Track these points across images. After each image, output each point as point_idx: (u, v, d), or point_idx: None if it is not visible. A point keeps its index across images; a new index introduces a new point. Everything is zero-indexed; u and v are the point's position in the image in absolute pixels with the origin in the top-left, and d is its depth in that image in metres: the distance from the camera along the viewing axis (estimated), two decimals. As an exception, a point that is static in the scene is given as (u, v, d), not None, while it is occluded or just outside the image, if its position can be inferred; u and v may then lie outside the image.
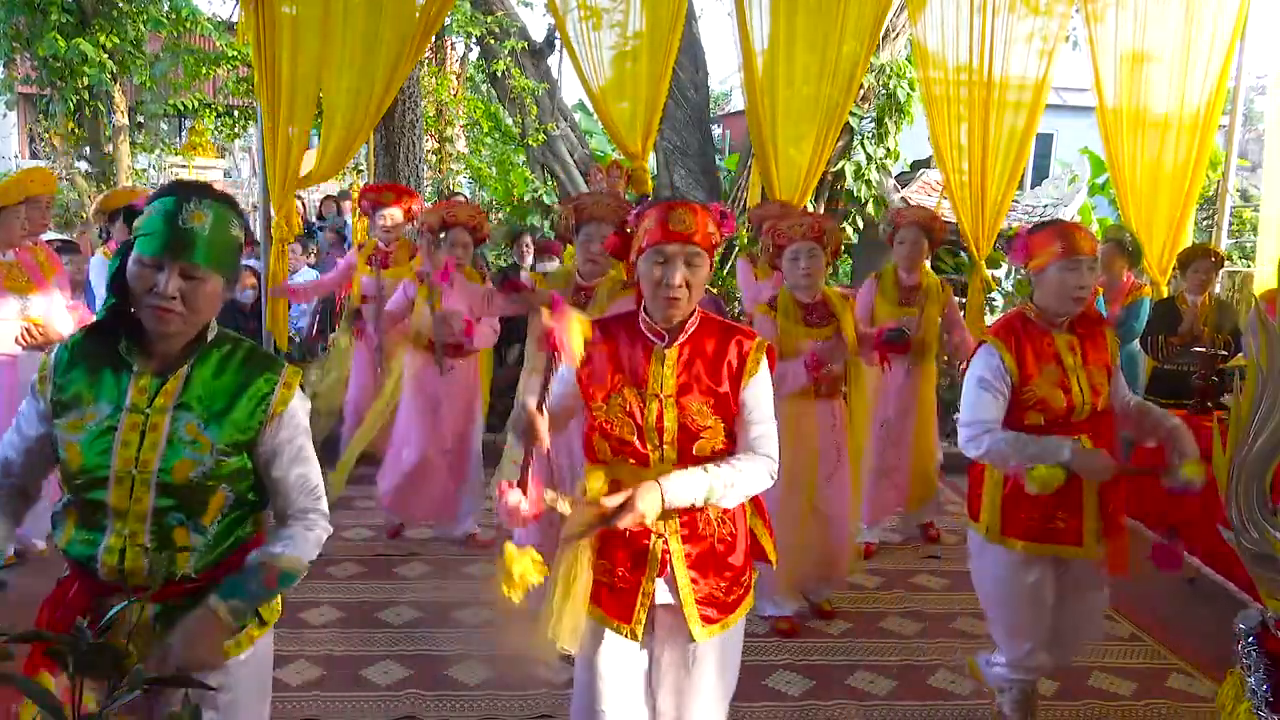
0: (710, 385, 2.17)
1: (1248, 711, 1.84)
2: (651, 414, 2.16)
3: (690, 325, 2.22)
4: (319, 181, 6.70)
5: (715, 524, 2.22)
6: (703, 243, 2.13)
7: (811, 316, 3.82)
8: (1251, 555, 1.84)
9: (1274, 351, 1.78)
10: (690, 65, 8.86)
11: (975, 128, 6.17)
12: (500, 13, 9.74)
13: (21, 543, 4.36)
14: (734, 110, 18.47)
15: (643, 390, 2.17)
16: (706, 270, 2.17)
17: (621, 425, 2.16)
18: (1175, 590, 4.48)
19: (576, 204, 3.70)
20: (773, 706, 3.37)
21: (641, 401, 2.16)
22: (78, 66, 8.95)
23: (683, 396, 2.15)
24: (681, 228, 2.11)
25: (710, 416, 2.16)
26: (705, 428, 2.16)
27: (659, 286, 2.13)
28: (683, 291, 2.12)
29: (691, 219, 2.12)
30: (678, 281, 2.11)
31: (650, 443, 2.16)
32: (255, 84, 5.85)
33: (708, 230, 2.15)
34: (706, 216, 2.16)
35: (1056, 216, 10.39)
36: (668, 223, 2.12)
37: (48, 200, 4.74)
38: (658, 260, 2.13)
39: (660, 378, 2.17)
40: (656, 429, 2.15)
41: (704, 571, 2.21)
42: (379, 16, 5.66)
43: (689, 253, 2.12)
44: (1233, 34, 6.39)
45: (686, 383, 2.17)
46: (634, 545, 2.19)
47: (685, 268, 2.12)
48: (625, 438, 2.16)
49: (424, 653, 3.63)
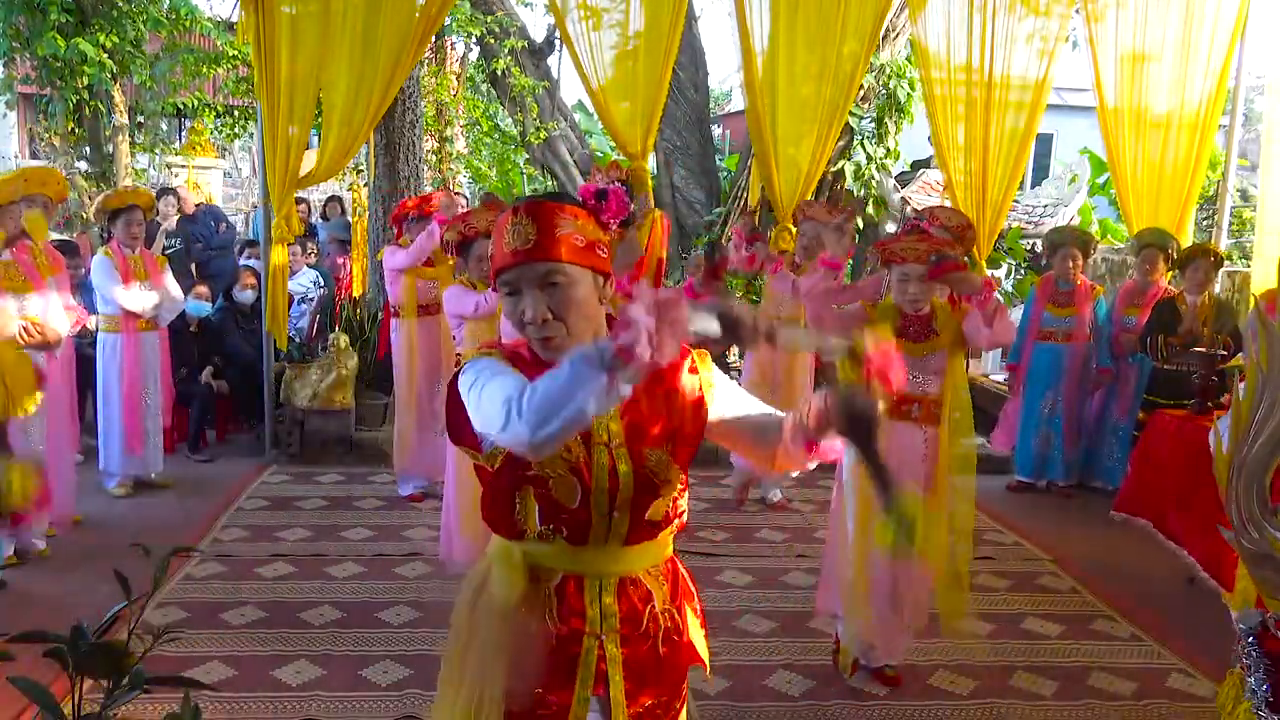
0: (666, 425, 1.70)
1: (1248, 711, 1.84)
2: (601, 469, 1.64)
3: None
4: (319, 181, 6.70)
5: (662, 618, 1.76)
6: (558, 254, 1.56)
7: (909, 329, 3.36)
8: (1251, 555, 1.84)
9: (1274, 351, 1.78)
10: (690, 65, 8.86)
11: (975, 128, 6.18)
12: (500, 12, 9.74)
13: (22, 543, 4.37)
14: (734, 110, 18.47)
15: (586, 439, 1.64)
16: (583, 288, 1.60)
17: (560, 485, 1.63)
18: (1175, 590, 4.48)
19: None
20: (773, 706, 3.37)
21: (587, 453, 1.64)
22: (77, 66, 8.95)
23: (635, 443, 1.67)
24: (519, 242, 1.56)
25: (671, 466, 1.69)
26: (665, 482, 1.68)
27: (521, 327, 1.62)
28: (553, 326, 1.58)
29: (530, 226, 1.56)
30: (534, 316, 1.57)
31: (597, 508, 1.65)
32: (255, 84, 5.85)
33: (562, 234, 1.58)
34: (557, 215, 1.59)
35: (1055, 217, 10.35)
36: (504, 241, 1.59)
37: (46, 200, 4.74)
38: (507, 291, 1.61)
39: (604, 421, 1.65)
40: (608, 489, 1.64)
41: (641, 684, 1.74)
42: (379, 16, 5.66)
43: (538, 273, 1.57)
44: (1233, 34, 6.39)
45: (636, 424, 1.67)
46: (562, 652, 1.68)
47: (543, 293, 1.57)
48: (564, 502, 1.64)
49: (424, 653, 3.63)
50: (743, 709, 3.33)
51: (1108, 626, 4.14)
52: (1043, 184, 14.65)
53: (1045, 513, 5.77)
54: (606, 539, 1.68)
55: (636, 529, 1.69)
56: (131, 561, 1.95)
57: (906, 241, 3.36)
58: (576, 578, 1.69)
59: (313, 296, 7.61)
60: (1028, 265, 9.81)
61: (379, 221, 7.18)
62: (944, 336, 3.34)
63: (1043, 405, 6.04)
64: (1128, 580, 4.63)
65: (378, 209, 7.22)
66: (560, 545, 1.66)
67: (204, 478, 5.87)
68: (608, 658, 1.70)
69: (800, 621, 4.03)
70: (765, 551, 4.95)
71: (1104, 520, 4.99)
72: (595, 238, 1.63)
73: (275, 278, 6.09)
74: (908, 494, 1.66)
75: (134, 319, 5.29)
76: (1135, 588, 4.55)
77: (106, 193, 5.59)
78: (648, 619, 1.74)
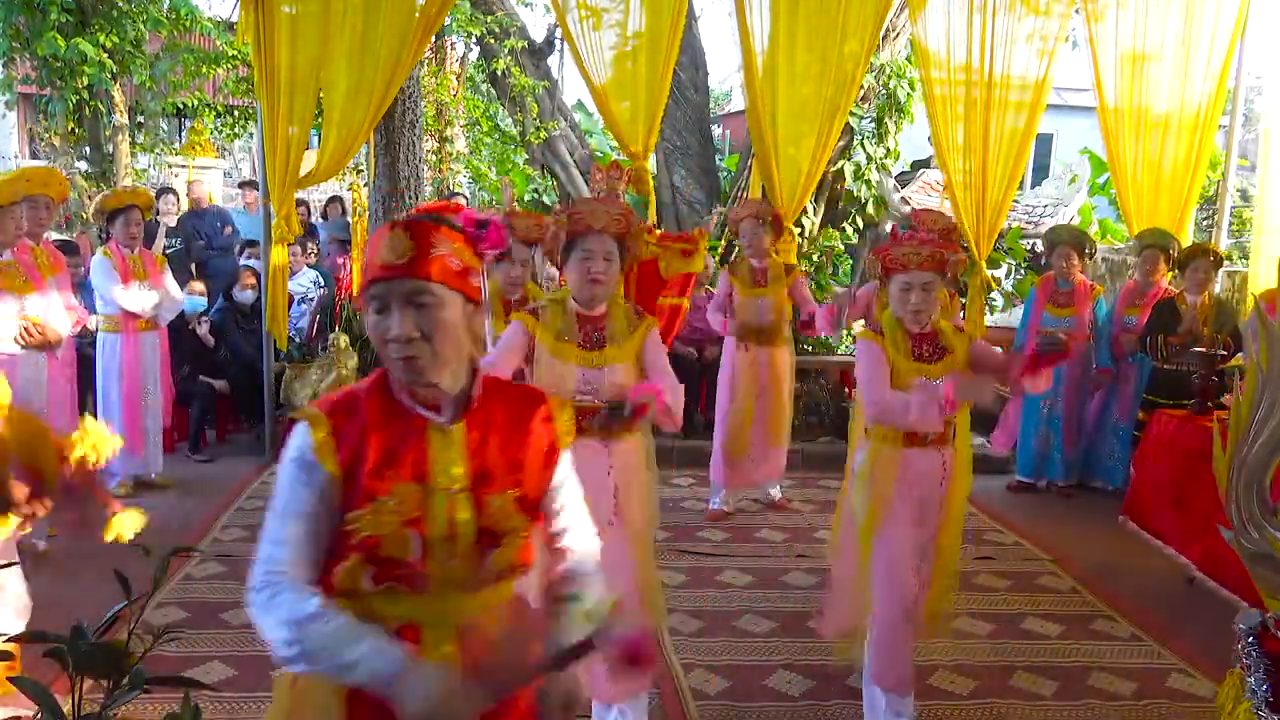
0: (512, 471, 1.63)
1: (1248, 711, 1.84)
2: (438, 518, 1.55)
3: (476, 391, 1.64)
4: (319, 181, 6.70)
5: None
6: (431, 274, 1.52)
7: (922, 349, 3.18)
8: (1251, 555, 1.84)
9: (1274, 351, 1.78)
10: (690, 65, 8.85)
11: (975, 128, 6.17)
12: (500, 12, 9.73)
13: (24, 542, 4.36)
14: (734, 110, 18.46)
15: (425, 484, 1.56)
16: (453, 312, 1.56)
17: (393, 542, 1.53)
18: (1175, 590, 4.48)
19: (572, 214, 3.00)
20: (773, 706, 3.37)
21: (424, 502, 1.56)
22: (77, 66, 8.95)
23: (480, 490, 1.58)
24: (394, 256, 1.52)
25: (515, 515, 1.61)
26: (509, 531, 1.61)
27: (383, 345, 1.56)
28: (419, 346, 1.53)
29: (407, 242, 1.53)
30: (400, 334, 1.52)
31: (435, 559, 1.56)
32: (255, 84, 5.86)
33: (438, 254, 1.54)
34: (434, 235, 1.55)
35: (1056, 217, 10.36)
36: (377, 254, 1.54)
37: (47, 200, 4.74)
38: (375, 307, 1.56)
39: (445, 465, 1.58)
40: (448, 537, 1.56)
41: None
42: (379, 16, 5.66)
43: (408, 290, 1.52)
44: (1233, 34, 6.40)
45: (482, 470, 1.60)
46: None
47: (411, 311, 1.53)
48: (399, 555, 1.54)
49: (424, 653, 3.63)
50: (743, 709, 3.33)
51: (1108, 626, 4.14)
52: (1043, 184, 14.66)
53: (1045, 513, 5.77)
54: (445, 589, 1.59)
55: (480, 578, 1.61)
56: (131, 561, 1.95)
57: (908, 247, 3.18)
58: (414, 627, 1.59)
59: (313, 296, 7.61)
60: (1028, 265, 9.81)
61: (379, 221, 7.18)
62: (958, 354, 3.18)
63: (1042, 405, 6.03)
64: (1128, 580, 4.63)
65: (378, 209, 7.21)
66: (396, 596, 1.57)
67: (204, 478, 5.87)
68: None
69: (800, 621, 4.03)
70: (765, 551, 4.95)
71: (1104, 520, 4.99)
72: (471, 264, 1.59)
73: (275, 278, 6.09)
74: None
75: (133, 319, 5.29)
76: (1135, 588, 4.54)
77: (105, 193, 5.60)
78: None
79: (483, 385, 1.65)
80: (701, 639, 3.83)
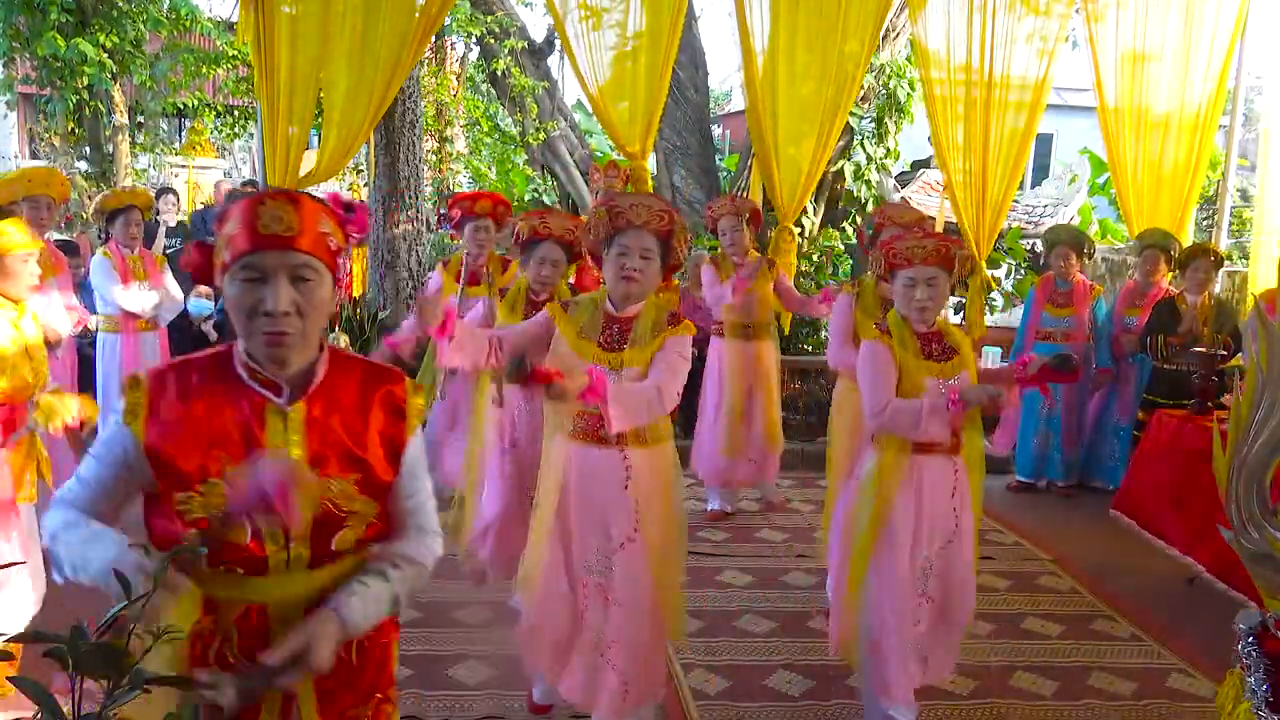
0: (355, 453, 1.59)
1: (1248, 711, 1.84)
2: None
3: (320, 370, 1.60)
4: (319, 181, 6.69)
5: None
6: (314, 249, 1.51)
7: (932, 348, 3.03)
8: (1251, 555, 1.84)
9: (1274, 351, 1.78)
10: (690, 65, 8.85)
11: (975, 128, 6.17)
12: (500, 13, 9.73)
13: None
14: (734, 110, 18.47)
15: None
16: (326, 291, 1.55)
17: (226, 522, 1.53)
18: (1175, 590, 4.48)
19: (612, 207, 2.78)
20: (773, 706, 3.37)
21: None
22: (77, 66, 8.95)
23: (320, 472, 1.55)
24: (279, 227, 1.49)
25: (358, 498, 1.59)
26: (350, 513, 1.58)
27: (253, 317, 1.51)
28: (293, 322, 1.50)
29: (293, 214, 1.50)
30: (280, 307, 1.48)
31: (271, 542, 1.54)
32: (255, 84, 5.85)
33: (320, 230, 1.53)
34: (317, 211, 1.54)
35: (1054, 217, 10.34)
36: (257, 223, 1.49)
37: (48, 200, 4.74)
38: (248, 276, 1.50)
39: (280, 449, 1.54)
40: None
41: (334, 698, 1.65)
42: (379, 16, 5.65)
43: (293, 263, 1.50)
44: (1233, 34, 6.40)
45: (321, 452, 1.56)
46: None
47: (291, 285, 1.50)
48: (235, 540, 1.52)
49: (424, 653, 3.63)
50: (743, 709, 3.33)
51: (1108, 626, 4.14)
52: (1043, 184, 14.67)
53: (1045, 513, 5.77)
54: (289, 569, 1.57)
55: (322, 558, 1.59)
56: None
57: (913, 241, 3.04)
58: (260, 608, 1.58)
59: (313, 296, 7.61)
60: (1028, 265, 9.81)
61: (379, 221, 7.18)
62: (965, 353, 3.05)
63: (1042, 405, 6.04)
64: (1128, 580, 4.63)
65: (378, 209, 7.21)
66: (239, 578, 1.55)
67: (204, 478, 5.85)
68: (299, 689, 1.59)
69: (800, 621, 4.03)
70: (765, 551, 4.95)
71: (1104, 520, 4.99)
72: (340, 246, 1.59)
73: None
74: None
75: (134, 319, 5.29)
76: (1135, 588, 4.55)
77: (105, 193, 5.59)
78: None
79: (333, 362, 1.63)
80: (701, 639, 3.83)
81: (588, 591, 2.84)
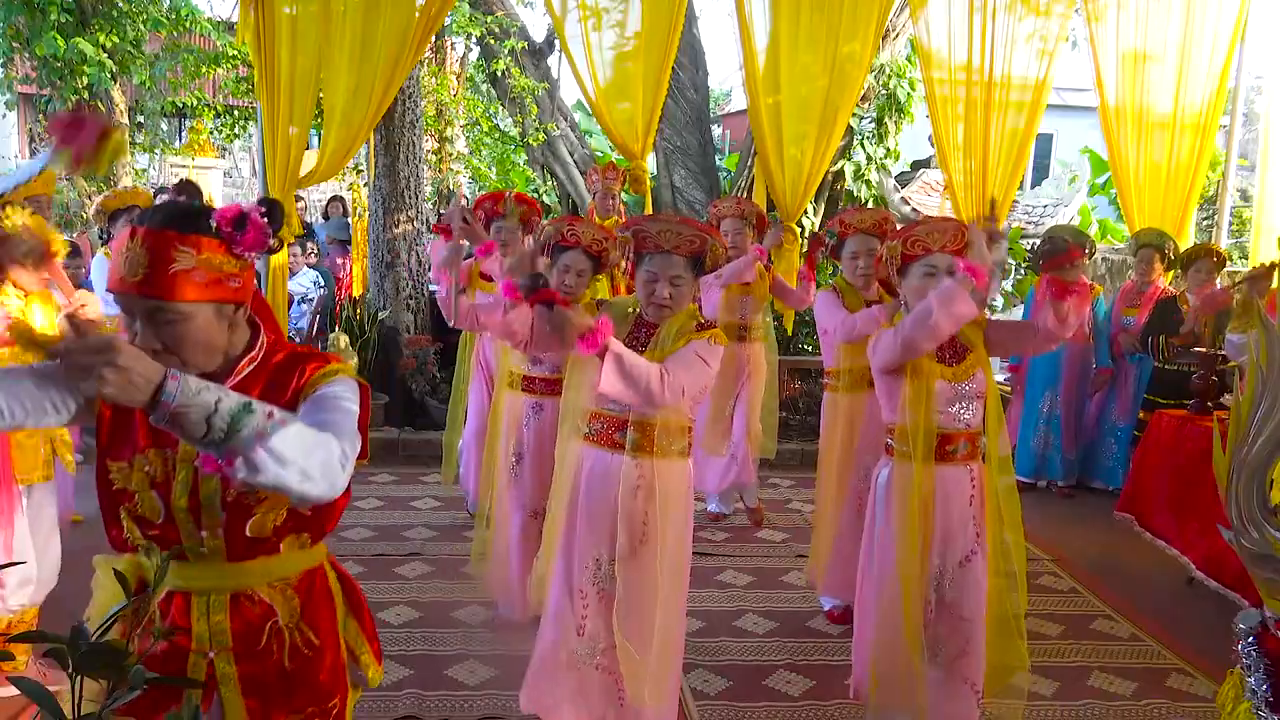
0: None
1: (1248, 711, 1.84)
2: (182, 486, 1.56)
3: (239, 366, 1.59)
4: (319, 181, 6.70)
5: (287, 633, 1.67)
6: (168, 292, 1.48)
7: (943, 349, 2.89)
8: (1251, 555, 1.84)
9: (1274, 351, 1.78)
10: (690, 65, 8.85)
11: (976, 128, 6.17)
12: (500, 13, 9.73)
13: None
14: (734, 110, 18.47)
15: (170, 451, 1.55)
16: (199, 323, 1.51)
17: (144, 502, 1.57)
18: (1175, 590, 4.48)
19: (637, 232, 2.77)
20: (773, 706, 3.37)
21: (168, 468, 1.56)
22: (77, 66, 8.94)
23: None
24: (128, 271, 1.48)
25: None
26: (261, 500, 1.58)
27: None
28: (164, 358, 1.47)
29: (143, 257, 1.47)
30: (143, 346, 1.47)
31: (182, 526, 1.57)
32: (255, 84, 5.85)
33: (176, 270, 1.48)
34: (182, 250, 1.48)
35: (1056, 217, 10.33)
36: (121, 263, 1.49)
37: (49, 199, 4.74)
38: (121, 307, 1.54)
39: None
40: (188, 508, 1.57)
41: (269, 702, 1.66)
42: (379, 16, 5.66)
43: (146, 308, 1.50)
44: (1233, 34, 6.41)
45: None
46: (167, 664, 1.61)
47: (152, 327, 1.50)
48: (150, 518, 1.57)
49: (424, 653, 3.63)
50: (743, 709, 3.33)
51: (1108, 626, 4.14)
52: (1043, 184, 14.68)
53: (1045, 513, 5.76)
54: (206, 556, 1.60)
55: (238, 546, 1.60)
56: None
57: (932, 226, 2.91)
58: (184, 594, 1.64)
59: (313, 296, 7.61)
60: (1028, 265, 9.81)
61: (379, 221, 7.18)
62: (978, 351, 2.91)
63: (1042, 405, 6.04)
64: (1128, 580, 4.63)
65: (378, 209, 7.21)
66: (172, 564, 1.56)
67: (204, 478, 5.86)
68: (218, 675, 1.63)
69: (800, 621, 4.03)
70: (765, 551, 4.95)
71: (1104, 520, 4.99)
72: (223, 271, 1.51)
73: (275, 278, 6.09)
74: None
75: (134, 319, 5.28)
76: (1135, 588, 4.55)
77: (106, 194, 5.59)
78: (268, 635, 1.67)
79: (261, 357, 1.60)
80: (701, 639, 3.83)
81: (587, 602, 2.81)
